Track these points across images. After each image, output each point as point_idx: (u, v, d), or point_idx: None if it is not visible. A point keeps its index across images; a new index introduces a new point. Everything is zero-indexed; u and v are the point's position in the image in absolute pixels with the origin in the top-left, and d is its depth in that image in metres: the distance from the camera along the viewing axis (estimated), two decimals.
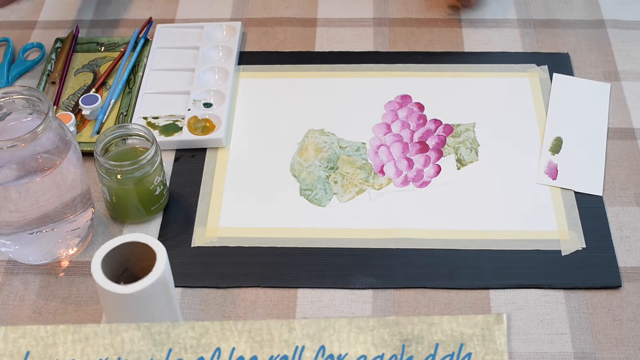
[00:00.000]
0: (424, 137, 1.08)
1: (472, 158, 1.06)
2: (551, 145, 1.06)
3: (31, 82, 1.17)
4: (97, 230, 0.99)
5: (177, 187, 1.03)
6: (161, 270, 0.79)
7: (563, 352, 0.87)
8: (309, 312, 0.91)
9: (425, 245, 0.96)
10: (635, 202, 1.01)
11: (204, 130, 1.08)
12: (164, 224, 1.00)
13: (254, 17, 1.26)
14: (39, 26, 1.27)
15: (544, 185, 1.02)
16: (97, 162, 0.94)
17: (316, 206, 1.01)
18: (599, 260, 0.95)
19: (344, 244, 0.97)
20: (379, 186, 1.03)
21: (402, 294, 0.92)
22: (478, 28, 1.23)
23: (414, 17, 1.25)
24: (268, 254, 0.96)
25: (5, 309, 0.92)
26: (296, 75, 1.17)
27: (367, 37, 1.22)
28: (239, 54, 1.20)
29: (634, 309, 0.91)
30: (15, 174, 0.88)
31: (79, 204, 0.93)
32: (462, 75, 1.16)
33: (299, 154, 1.07)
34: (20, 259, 0.96)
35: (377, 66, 1.18)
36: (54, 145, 0.88)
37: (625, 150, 1.07)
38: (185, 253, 0.96)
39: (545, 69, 1.16)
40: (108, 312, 0.83)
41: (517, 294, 0.92)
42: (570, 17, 1.25)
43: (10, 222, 0.90)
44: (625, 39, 1.21)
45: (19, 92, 0.88)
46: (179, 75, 1.16)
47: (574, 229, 0.97)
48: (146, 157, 0.94)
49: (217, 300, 0.92)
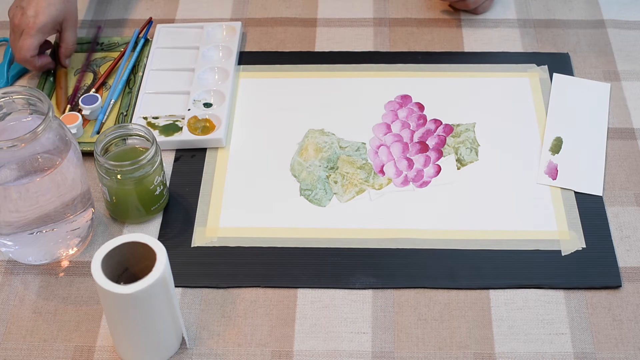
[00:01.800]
0: (424, 137, 1.08)
1: (472, 158, 1.06)
2: (551, 145, 1.06)
3: (31, 82, 1.17)
4: (97, 230, 0.99)
5: (177, 187, 1.03)
6: (161, 270, 0.79)
7: (563, 352, 0.87)
8: (309, 312, 0.91)
9: (425, 245, 0.96)
10: (635, 202, 1.01)
11: (204, 130, 1.08)
12: (164, 224, 1.00)
13: (254, 17, 1.26)
14: None
15: (544, 185, 1.02)
16: (97, 162, 0.94)
17: (316, 206, 1.01)
18: (599, 260, 0.95)
19: (344, 244, 0.97)
20: (379, 186, 1.03)
21: (402, 294, 0.92)
22: (478, 28, 1.23)
23: (414, 17, 1.25)
24: (268, 254, 0.96)
25: (5, 309, 0.92)
26: (296, 75, 1.17)
27: (367, 37, 1.22)
28: (239, 54, 1.20)
29: (634, 309, 0.91)
30: (15, 174, 0.88)
31: (79, 204, 0.93)
32: (462, 75, 1.16)
33: (299, 154, 1.06)
34: (20, 259, 0.96)
35: (377, 66, 1.18)
36: (54, 145, 0.88)
37: (625, 150, 1.06)
38: (185, 253, 0.96)
39: (545, 69, 1.16)
40: (108, 312, 0.83)
41: (517, 294, 0.92)
42: (570, 17, 1.25)
43: (10, 222, 0.90)
44: (625, 39, 1.21)
45: (19, 92, 0.88)
46: (179, 75, 1.16)
47: (574, 229, 0.97)
48: (146, 157, 0.93)
49: (217, 300, 0.92)
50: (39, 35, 1.10)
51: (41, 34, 1.10)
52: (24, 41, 1.10)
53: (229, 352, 0.88)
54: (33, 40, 1.09)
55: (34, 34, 1.09)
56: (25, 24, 1.09)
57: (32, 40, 1.09)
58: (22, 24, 1.10)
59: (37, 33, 1.09)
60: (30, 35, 1.09)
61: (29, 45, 1.10)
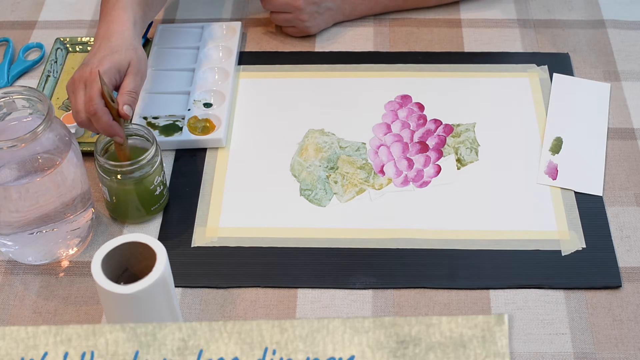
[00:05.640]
0: (424, 137, 1.08)
1: (472, 158, 1.06)
2: (551, 145, 1.06)
3: (31, 82, 1.17)
4: (97, 230, 0.99)
5: (177, 187, 1.03)
6: (161, 270, 0.79)
7: (563, 352, 0.87)
8: (309, 312, 0.91)
9: (425, 245, 0.96)
10: (635, 202, 1.01)
11: (204, 130, 1.08)
12: (164, 224, 1.00)
13: (254, 17, 1.27)
14: (39, 26, 1.27)
15: (544, 185, 1.02)
16: (97, 162, 0.94)
17: (316, 206, 1.01)
18: (599, 260, 0.95)
19: (344, 244, 0.97)
20: (379, 186, 1.03)
21: (402, 294, 0.92)
22: (478, 28, 1.23)
23: (414, 17, 1.25)
24: (268, 254, 0.96)
25: (5, 309, 0.92)
26: (296, 75, 1.17)
27: (367, 37, 1.22)
28: (239, 54, 1.20)
29: (634, 309, 0.91)
30: (15, 174, 0.88)
31: (79, 204, 0.93)
32: (462, 75, 1.16)
33: (299, 154, 1.07)
34: (20, 259, 0.96)
35: (377, 66, 1.18)
36: (54, 145, 0.88)
37: (625, 150, 1.07)
38: (185, 253, 0.96)
39: (545, 69, 1.16)
40: (108, 312, 0.83)
41: (517, 294, 0.92)
42: (570, 17, 1.25)
43: (10, 222, 0.90)
44: (625, 39, 1.21)
45: (19, 92, 0.88)
46: (179, 75, 1.16)
47: (574, 229, 0.97)
48: (146, 157, 0.94)
49: (217, 300, 0.92)
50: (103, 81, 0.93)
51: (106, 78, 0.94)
52: (91, 91, 0.92)
53: None
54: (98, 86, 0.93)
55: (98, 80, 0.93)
56: (87, 73, 0.94)
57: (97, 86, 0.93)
58: (84, 75, 0.94)
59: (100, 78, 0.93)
60: (95, 82, 0.93)
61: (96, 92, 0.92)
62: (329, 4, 1.19)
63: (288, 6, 1.17)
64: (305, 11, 1.17)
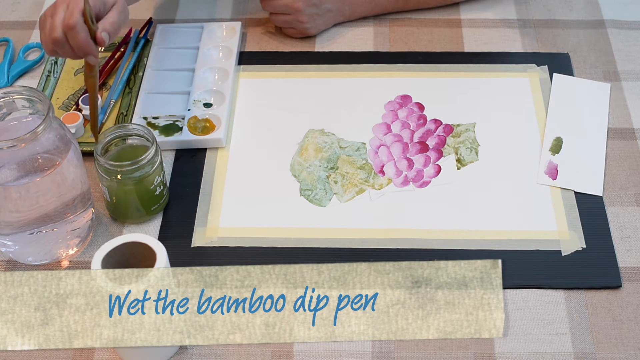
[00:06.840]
0: (424, 137, 1.08)
1: (472, 158, 1.05)
2: (551, 145, 1.06)
3: (31, 82, 1.17)
4: (97, 230, 0.99)
5: (177, 187, 1.03)
6: None
7: (563, 352, 0.87)
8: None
9: (425, 245, 0.96)
10: (635, 202, 1.01)
11: (204, 130, 1.08)
12: (164, 224, 1.00)
13: (254, 17, 1.26)
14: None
15: (544, 185, 1.02)
16: (97, 162, 0.94)
17: (316, 206, 1.01)
18: (599, 260, 0.94)
19: (344, 244, 0.97)
20: (379, 186, 1.03)
21: None
22: (478, 28, 1.23)
23: (414, 17, 1.25)
24: (268, 254, 0.96)
25: None
26: (296, 75, 1.17)
27: (367, 37, 1.22)
28: (239, 54, 1.20)
29: (634, 309, 0.91)
30: (15, 174, 0.88)
31: (79, 204, 0.93)
32: (462, 75, 1.16)
33: (299, 154, 1.06)
34: (20, 259, 0.96)
35: (377, 66, 1.18)
36: (54, 145, 0.88)
37: (625, 150, 1.06)
38: (185, 253, 0.96)
39: (545, 69, 1.16)
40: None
41: (517, 294, 0.92)
42: (570, 17, 1.25)
43: (10, 222, 0.90)
44: (625, 39, 1.21)
45: (19, 92, 0.88)
46: (179, 75, 1.16)
47: (574, 229, 0.97)
48: (146, 157, 0.93)
49: None
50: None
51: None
52: (73, 8, 0.90)
53: (229, 352, 0.88)
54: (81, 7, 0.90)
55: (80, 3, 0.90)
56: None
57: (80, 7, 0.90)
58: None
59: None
60: (79, 1, 0.91)
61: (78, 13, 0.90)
62: (328, 6, 1.19)
63: (288, 8, 1.17)
64: (304, 13, 1.17)
